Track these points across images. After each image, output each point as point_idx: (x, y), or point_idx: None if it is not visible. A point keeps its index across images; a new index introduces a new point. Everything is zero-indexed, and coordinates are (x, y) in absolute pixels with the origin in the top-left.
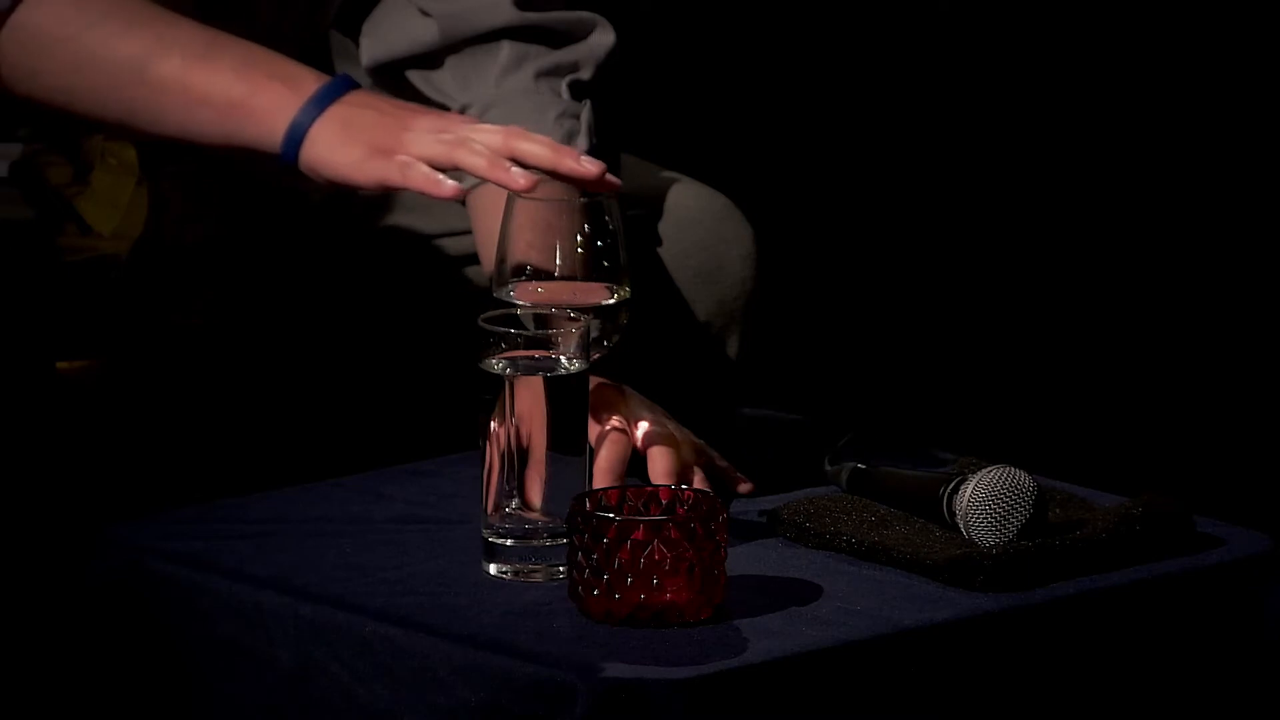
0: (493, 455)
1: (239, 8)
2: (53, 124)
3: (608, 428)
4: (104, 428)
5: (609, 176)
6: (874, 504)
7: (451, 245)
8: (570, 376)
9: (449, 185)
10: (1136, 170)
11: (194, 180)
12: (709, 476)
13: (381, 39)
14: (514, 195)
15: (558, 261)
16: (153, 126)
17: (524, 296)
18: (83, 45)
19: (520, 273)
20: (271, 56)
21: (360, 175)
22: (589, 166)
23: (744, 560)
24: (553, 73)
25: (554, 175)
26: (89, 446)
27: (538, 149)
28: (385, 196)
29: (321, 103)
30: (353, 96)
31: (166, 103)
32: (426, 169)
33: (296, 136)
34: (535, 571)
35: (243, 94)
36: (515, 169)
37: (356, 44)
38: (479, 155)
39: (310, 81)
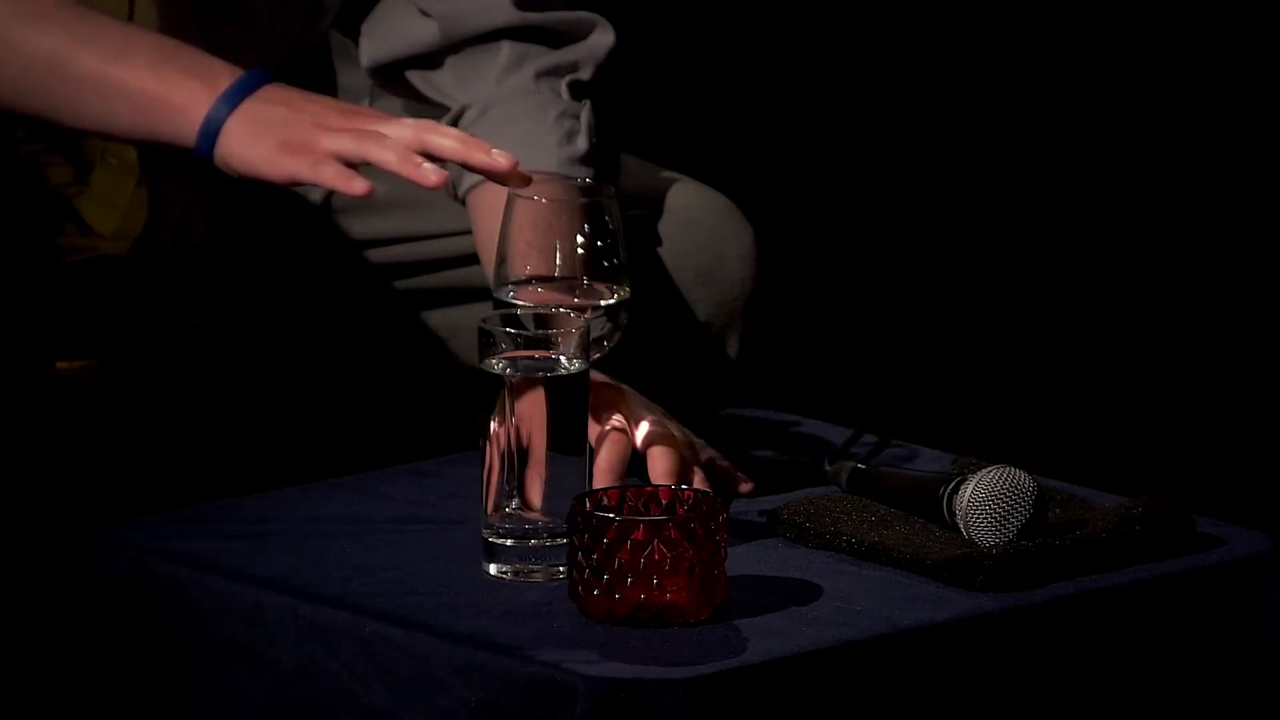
0: (493, 455)
1: (237, 9)
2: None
3: (608, 428)
4: (104, 428)
5: (520, 169)
6: (874, 504)
7: (451, 245)
8: (570, 376)
9: (361, 183)
10: (1136, 170)
11: (194, 180)
12: (709, 476)
13: (381, 39)
14: (514, 195)
15: (558, 261)
16: (74, 120)
17: (524, 296)
18: None
19: (520, 272)
20: (187, 51)
21: (272, 170)
22: (500, 160)
23: (744, 560)
24: (552, 73)
25: (465, 168)
26: (89, 446)
27: (449, 143)
28: (385, 197)
29: (235, 97)
30: (266, 91)
31: (85, 97)
32: (338, 165)
33: (211, 131)
34: (535, 571)
35: (158, 89)
36: (427, 164)
37: (356, 44)
38: (390, 150)
39: (224, 76)
